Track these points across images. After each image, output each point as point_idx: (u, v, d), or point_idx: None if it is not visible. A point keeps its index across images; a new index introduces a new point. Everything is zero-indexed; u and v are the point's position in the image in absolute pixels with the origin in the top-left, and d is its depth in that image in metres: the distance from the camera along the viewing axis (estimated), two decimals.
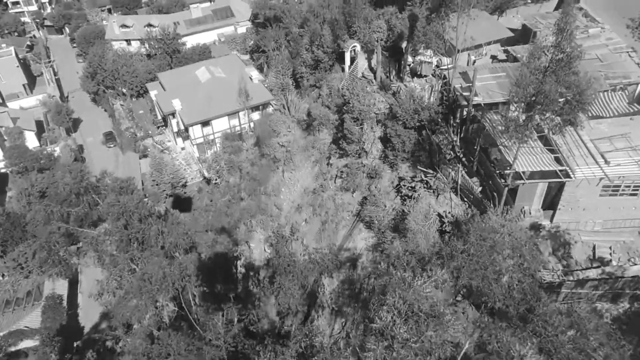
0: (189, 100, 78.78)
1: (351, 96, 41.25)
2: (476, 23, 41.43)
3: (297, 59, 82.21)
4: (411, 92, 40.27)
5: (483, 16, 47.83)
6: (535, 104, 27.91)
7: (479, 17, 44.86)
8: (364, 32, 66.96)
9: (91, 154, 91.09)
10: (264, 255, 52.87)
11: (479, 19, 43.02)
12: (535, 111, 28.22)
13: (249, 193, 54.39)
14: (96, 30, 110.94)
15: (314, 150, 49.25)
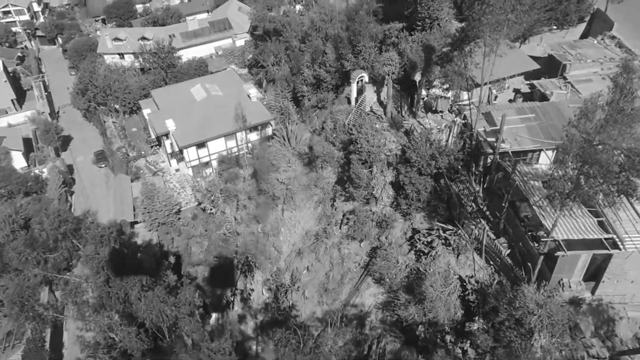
0: (183, 120, 74.52)
1: (359, 135, 37.02)
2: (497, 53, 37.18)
3: (297, 76, 78.01)
4: (427, 135, 35.99)
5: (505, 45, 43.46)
6: (586, 175, 23.64)
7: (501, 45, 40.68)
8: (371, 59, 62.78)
9: (81, 174, 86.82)
10: (262, 299, 48.59)
11: (500, 49, 38.84)
12: (586, 183, 23.94)
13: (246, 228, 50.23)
14: (88, 43, 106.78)
15: (317, 189, 45.00)
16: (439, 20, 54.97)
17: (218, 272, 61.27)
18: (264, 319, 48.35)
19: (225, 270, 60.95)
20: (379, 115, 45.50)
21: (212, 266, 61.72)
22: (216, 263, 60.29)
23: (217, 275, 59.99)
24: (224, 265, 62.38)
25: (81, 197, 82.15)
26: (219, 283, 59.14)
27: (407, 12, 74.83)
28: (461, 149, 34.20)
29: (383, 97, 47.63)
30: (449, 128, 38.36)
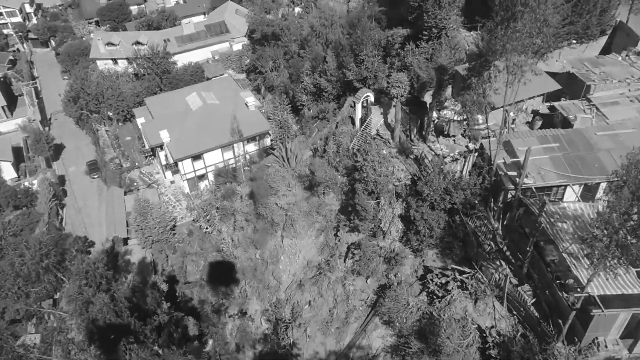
0: (178, 131, 71.49)
1: (364, 162, 34.07)
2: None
3: (296, 84, 74.95)
4: (440, 166, 32.98)
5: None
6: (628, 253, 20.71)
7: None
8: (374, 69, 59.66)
9: (73, 186, 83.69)
10: (260, 329, 45.69)
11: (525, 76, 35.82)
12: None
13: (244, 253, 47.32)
14: (81, 47, 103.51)
15: (319, 216, 42.06)
16: (446, 29, 51.87)
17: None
18: (264, 350, 45.53)
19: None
20: (385, 139, 42.40)
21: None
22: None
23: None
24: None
25: (73, 210, 79.11)
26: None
27: (411, 17, 71.75)
28: (479, 183, 31.20)
29: (390, 120, 44.57)
30: (464, 157, 35.33)
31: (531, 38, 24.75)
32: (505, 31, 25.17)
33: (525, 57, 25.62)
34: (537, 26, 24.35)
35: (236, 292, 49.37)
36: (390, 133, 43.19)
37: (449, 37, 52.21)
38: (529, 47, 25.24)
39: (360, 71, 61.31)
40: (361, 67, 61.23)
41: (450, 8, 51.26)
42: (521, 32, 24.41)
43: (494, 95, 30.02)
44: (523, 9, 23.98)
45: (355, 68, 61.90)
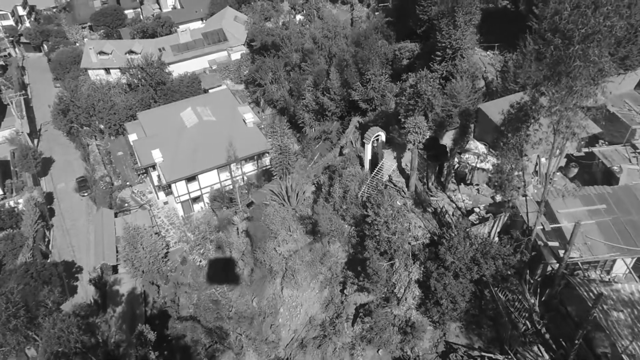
0: (171, 150, 67.21)
1: (375, 217, 29.83)
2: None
3: (298, 101, 70.70)
4: (465, 228, 28.69)
5: None
6: None
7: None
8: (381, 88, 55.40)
9: (61, 204, 79.48)
10: None
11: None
12: None
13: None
14: (73, 54, 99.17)
15: (323, 267, 37.86)
16: (462, 50, 47.50)
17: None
18: None
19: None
20: (399, 187, 38.07)
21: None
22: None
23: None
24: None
25: (61, 231, 74.90)
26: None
27: (420, 30, 67.36)
28: (516, 259, 26.65)
29: (405, 164, 40.21)
30: (494, 218, 31.00)
31: (588, 97, 20.44)
32: (556, 89, 20.80)
33: (577, 115, 21.28)
34: (592, 78, 20.06)
35: (231, 336, 45.16)
36: (405, 180, 38.79)
37: (464, 58, 47.86)
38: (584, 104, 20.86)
39: (367, 91, 57.09)
40: (367, 86, 57.02)
41: (466, 27, 46.90)
42: (578, 92, 20.11)
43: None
44: (582, 64, 19.63)
45: (361, 87, 57.67)
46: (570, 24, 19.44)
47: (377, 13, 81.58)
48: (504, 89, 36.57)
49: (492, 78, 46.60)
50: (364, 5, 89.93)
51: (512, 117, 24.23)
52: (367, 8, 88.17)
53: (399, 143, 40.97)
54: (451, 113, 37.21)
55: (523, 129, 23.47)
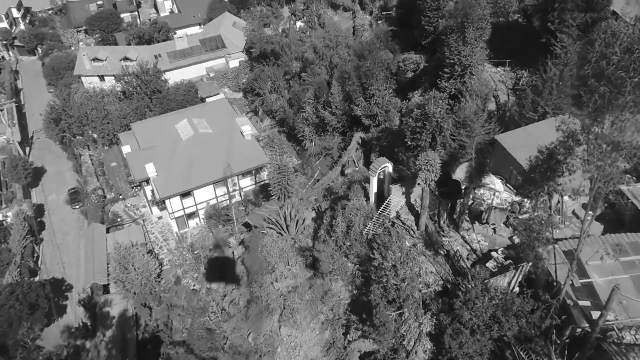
0: (166, 164, 64.60)
1: (383, 260, 27.21)
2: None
3: (297, 114, 68.13)
4: (484, 280, 26.09)
5: None
6: None
7: None
8: (385, 103, 52.89)
9: (52, 217, 76.73)
10: None
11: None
12: None
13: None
14: (67, 60, 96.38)
15: (324, 306, 35.27)
16: (471, 67, 44.90)
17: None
18: None
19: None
20: (408, 226, 35.43)
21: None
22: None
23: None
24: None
25: (51, 246, 72.20)
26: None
27: (425, 42, 64.85)
28: (544, 323, 23.92)
29: (414, 200, 37.55)
30: (515, 268, 28.36)
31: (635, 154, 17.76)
32: (598, 142, 18.14)
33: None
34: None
35: None
36: (415, 217, 36.10)
37: (474, 75, 45.27)
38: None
39: (370, 106, 54.53)
40: (370, 101, 54.47)
41: (476, 43, 44.29)
42: (624, 148, 17.50)
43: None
44: (632, 117, 16.97)
45: (363, 102, 55.12)
46: (620, 70, 16.79)
47: (380, 22, 79.03)
48: (520, 116, 34.05)
49: (504, 100, 44.07)
50: (366, 12, 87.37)
51: (541, 164, 21.55)
52: (369, 16, 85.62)
53: (408, 176, 38.25)
54: (464, 143, 34.63)
55: (555, 177, 20.83)
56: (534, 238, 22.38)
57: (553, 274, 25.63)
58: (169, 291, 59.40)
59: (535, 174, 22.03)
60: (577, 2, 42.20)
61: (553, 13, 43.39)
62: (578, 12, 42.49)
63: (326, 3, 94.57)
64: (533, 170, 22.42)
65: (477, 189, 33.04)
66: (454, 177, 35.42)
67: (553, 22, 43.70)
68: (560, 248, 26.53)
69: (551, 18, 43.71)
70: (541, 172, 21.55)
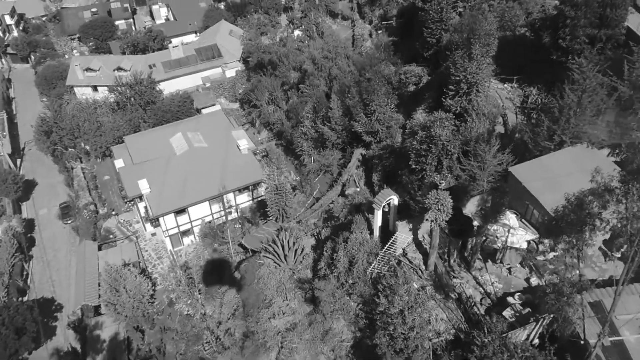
0: (159, 180, 62.55)
1: (389, 305, 25.10)
2: None
3: (296, 129, 66.10)
4: (501, 333, 24.01)
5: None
6: None
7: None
8: (386, 119, 50.89)
9: (43, 232, 74.42)
10: None
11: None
12: None
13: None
14: (60, 69, 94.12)
15: (325, 346, 33.13)
16: (478, 85, 42.92)
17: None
18: None
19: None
20: (415, 265, 33.27)
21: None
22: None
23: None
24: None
25: (41, 264, 69.91)
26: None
27: (428, 54, 62.94)
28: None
29: (421, 236, 35.39)
30: (535, 320, 26.24)
31: None
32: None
33: None
34: None
35: None
36: (423, 256, 33.92)
37: (481, 94, 43.29)
38: None
39: (371, 123, 52.51)
40: (372, 117, 52.44)
41: (483, 59, 42.30)
42: None
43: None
44: None
45: (364, 118, 53.09)
46: None
47: (380, 32, 77.10)
48: (535, 144, 32.05)
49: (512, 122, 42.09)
50: (365, 21, 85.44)
51: (569, 215, 19.38)
52: (369, 25, 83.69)
53: (415, 210, 36.01)
54: (475, 175, 32.54)
55: (585, 230, 18.72)
56: (564, 303, 20.28)
57: (578, 330, 23.37)
58: (162, 313, 57.23)
59: (562, 223, 19.94)
60: (590, 18, 40.39)
61: (564, 29, 41.56)
62: (591, 29, 40.68)
63: (324, 11, 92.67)
64: (560, 219, 20.31)
65: (492, 224, 30.94)
66: (465, 211, 33.30)
67: (564, 38, 41.80)
68: (585, 299, 24.45)
69: (562, 34, 41.78)
70: (569, 223, 19.46)
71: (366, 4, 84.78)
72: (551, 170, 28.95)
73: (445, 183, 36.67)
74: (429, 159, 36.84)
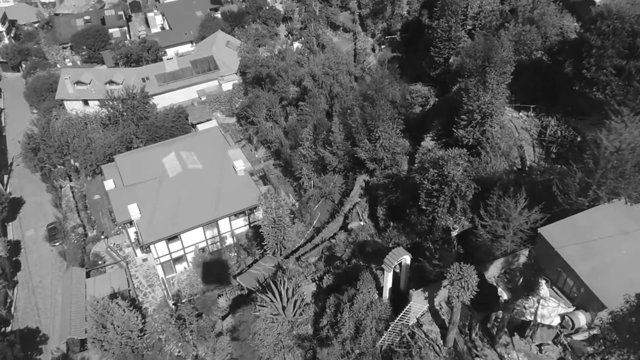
0: (151, 204, 59.32)
1: None
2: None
3: (294, 150, 62.84)
4: None
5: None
6: None
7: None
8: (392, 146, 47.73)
9: (29, 256, 70.97)
10: None
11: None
12: None
13: None
14: (50, 81, 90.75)
15: None
16: (492, 116, 39.70)
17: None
18: None
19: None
20: (432, 339, 29.89)
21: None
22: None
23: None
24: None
25: (27, 289, 66.48)
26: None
27: (434, 73, 59.78)
28: None
29: (437, 304, 32.02)
30: None
31: None
32: None
33: None
34: None
35: None
36: (440, 329, 30.45)
37: (497, 124, 40.07)
38: None
39: (375, 150, 49.24)
40: (376, 144, 49.17)
41: (498, 88, 39.06)
42: None
43: None
44: None
45: (368, 144, 49.81)
46: None
47: (384, 47, 73.90)
48: (565, 198, 28.76)
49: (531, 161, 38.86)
50: (368, 34, 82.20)
51: (630, 315, 16.22)
52: (371, 38, 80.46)
53: (432, 273, 32.53)
54: (498, 234, 29.19)
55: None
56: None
57: None
58: (152, 348, 53.86)
59: (622, 327, 16.75)
60: (618, 48, 37.24)
61: (589, 59, 38.37)
62: (619, 59, 37.55)
63: (325, 23, 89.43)
64: (621, 321, 17.08)
65: (521, 297, 27.41)
66: (488, 277, 29.91)
67: (589, 69, 38.63)
68: None
69: (587, 64, 38.60)
70: (631, 328, 16.26)
71: (368, 17, 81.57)
72: (587, 232, 25.69)
73: (459, 228, 33.60)
74: (441, 201, 33.66)
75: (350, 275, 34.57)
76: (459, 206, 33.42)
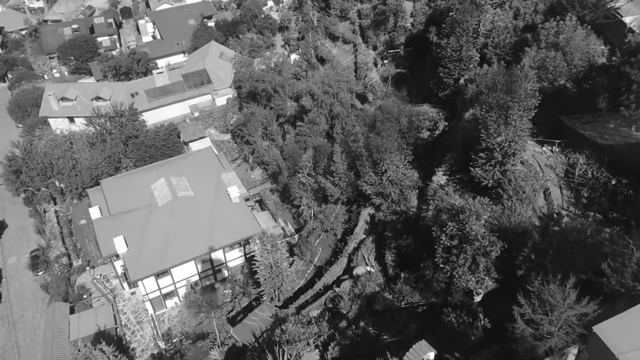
0: (138, 236, 55.22)
1: None
2: None
3: (293, 177, 58.64)
4: None
5: None
6: None
7: None
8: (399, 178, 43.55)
9: (10, 286, 66.57)
10: None
11: None
12: None
13: None
14: (34, 95, 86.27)
15: None
16: (515, 156, 35.53)
17: None
18: None
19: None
20: None
21: None
22: None
23: None
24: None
25: (7, 325, 62.12)
26: None
27: (443, 94, 55.61)
28: None
29: None
30: None
31: None
32: None
33: None
34: None
35: None
36: None
37: (520, 165, 35.91)
38: None
39: (382, 184, 45.03)
40: (382, 178, 44.96)
41: (522, 124, 34.89)
42: None
43: None
44: None
45: (373, 177, 45.60)
46: None
47: (387, 62, 69.64)
48: (618, 281, 24.60)
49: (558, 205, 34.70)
50: (369, 46, 77.84)
51: None
52: (373, 51, 76.12)
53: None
54: (541, 329, 24.86)
55: None
56: None
57: None
58: None
59: None
60: None
61: (628, 95, 34.21)
62: None
63: (324, 33, 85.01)
64: None
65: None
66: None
67: (628, 106, 34.55)
68: None
69: (625, 101, 34.52)
70: None
71: (370, 28, 77.17)
72: None
73: (482, 292, 29.58)
74: (461, 259, 29.62)
75: (359, 347, 30.44)
76: (481, 265, 29.38)
